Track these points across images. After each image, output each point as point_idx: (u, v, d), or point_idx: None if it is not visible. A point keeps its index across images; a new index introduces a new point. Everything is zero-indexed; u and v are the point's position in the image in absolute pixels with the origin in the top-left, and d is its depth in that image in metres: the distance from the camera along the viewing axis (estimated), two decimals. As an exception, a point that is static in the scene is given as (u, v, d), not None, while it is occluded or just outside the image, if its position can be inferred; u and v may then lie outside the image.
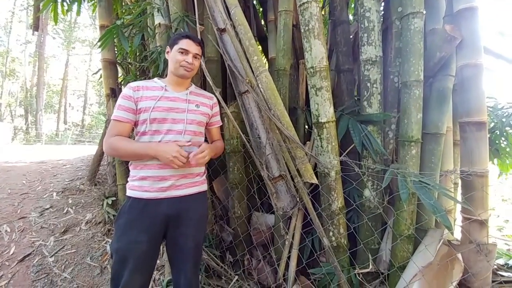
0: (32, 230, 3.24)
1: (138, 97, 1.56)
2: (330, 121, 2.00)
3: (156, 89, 1.61)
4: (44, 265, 2.72)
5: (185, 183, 1.60)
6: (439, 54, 1.93)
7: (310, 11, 1.98)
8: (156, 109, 1.54)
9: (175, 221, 1.57)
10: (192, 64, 1.63)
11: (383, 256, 2.08)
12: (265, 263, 2.40)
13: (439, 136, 1.98)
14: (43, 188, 4.46)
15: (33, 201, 3.98)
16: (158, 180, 1.53)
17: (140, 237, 1.48)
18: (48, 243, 3.03)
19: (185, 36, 1.64)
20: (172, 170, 1.53)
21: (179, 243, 1.61)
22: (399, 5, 2.17)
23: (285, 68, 2.42)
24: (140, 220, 1.50)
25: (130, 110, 1.55)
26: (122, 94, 1.57)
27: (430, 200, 1.59)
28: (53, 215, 3.60)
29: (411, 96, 1.94)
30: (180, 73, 1.63)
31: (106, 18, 3.09)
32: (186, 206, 1.60)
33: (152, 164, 1.53)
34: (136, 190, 1.53)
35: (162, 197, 1.53)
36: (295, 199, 2.15)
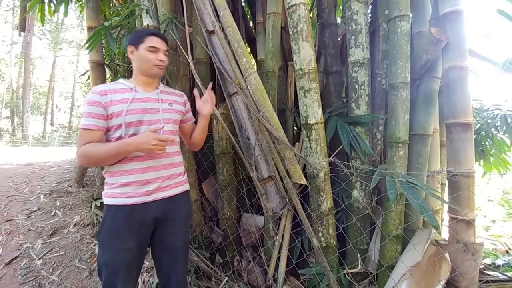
0: (19, 232, 3.11)
1: (107, 101, 1.40)
2: (318, 123, 1.95)
3: (125, 91, 1.47)
4: (32, 268, 2.60)
5: (169, 184, 1.52)
6: (426, 56, 1.88)
7: (299, 13, 1.92)
8: (130, 112, 1.41)
9: (162, 222, 1.50)
10: (164, 62, 1.53)
11: (371, 256, 2.02)
12: (255, 264, 2.34)
13: (426, 137, 1.93)
14: (30, 191, 4.29)
15: (20, 203, 3.82)
16: (142, 184, 1.42)
17: (128, 244, 1.40)
18: (36, 246, 2.90)
19: (151, 34, 1.52)
20: (157, 172, 1.45)
21: (168, 243, 1.53)
22: (386, 8, 2.11)
23: (274, 70, 2.35)
24: (127, 226, 1.39)
25: (100, 117, 1.39)
26: (88, 101, 1.40)
27: (418, 200, 1.55)
28: (40, 217, 3.47)
29: (399, 98, 1.88)
30: (155, 72, 1.51)
31: (94, 19, 2.95)
32: (172, 206, 1.52)
33: (134, 169, 1.41)
34: (118, 197, 1.41)
35: (148, 200, 1.43)
36: (284, 200, 2.09)
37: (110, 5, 3.76)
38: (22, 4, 3.44)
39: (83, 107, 1.42)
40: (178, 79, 2.41)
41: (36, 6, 3.00)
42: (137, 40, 1.51)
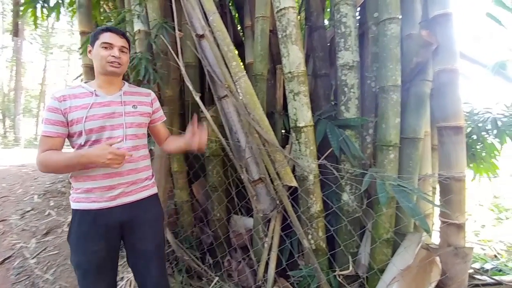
0: (13, 232, 3.04)
1: (66, 108, 1.30)
2: (308, 126, 1.90)
3: (85, 96, 1.35)
4: (26, 267, 2.55)
5: (135, 188, 1.41)
6: (416, 59, 1.80)
7: (288, 17, 1.88)
8: (90, 118, 1.30)
9: (129, 227, 1.41)
10: (120, 58, 1.36)
11: (362, 260, 1.95)
12: (245, 264, 2.30)
13: (417, 141, 1.85)
14: (24, 191, 4.19)
15: (14, 204, 3.73)
16: (105, 190, 1.33)
17: (96, 246, 1.33)
18: (30, 245, 2.84)
19: (105, 30, 1.38)
20: (120, 178, 1.35)
21: (138, 248, 1.44)
22: (375, 11, 2.02)
23: (263, 73, 2.28)
24: (93, 230, 1.33)
25: (59, 123, 1.30)
26: (47, 107, 1.32)
27: (409, 203, 1.49)
28: (34, 217, 3.40)
29: (389, 101, 1.81)
30: (108, 70, 1.35)
31: (86, 25, 2.89)
32: (138, 211, 1.42)
33: (97, 175, 1.32)
34: (83, 201, 1.33)
35: (113, 205, 1.34)
36: (274, 202, 2.03)
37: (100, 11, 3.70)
38: (14, 9, 3.36)
39: (43, 113, 1.33)
40: (168, 82, 2.34)
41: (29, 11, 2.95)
42: (93, 38, 1.39)
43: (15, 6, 3.36)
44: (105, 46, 1.34)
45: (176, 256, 2.41)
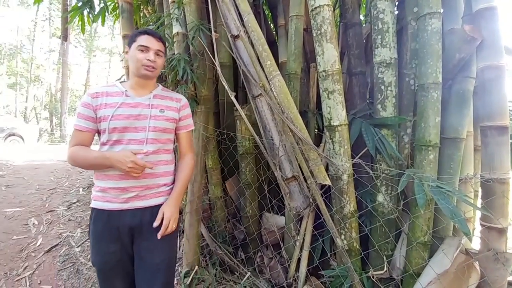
0: (60, 222, 3.29)
1: (97, 104, 1.33)
2: (342, 124, 1.87)
3: (117, 95, 1.37)
4: (71, 255, 2.73)
5: (149, 193, 1.38)
6: (459, 55, 1.72)
7: (322, 15, 1.85)
8: (115, 117, 1.31)
9: (139, 234, 1.36)
10: (154, 62, 1.38)
11: (396, 262, 1.90)
12: (276, 261, 2.31)
13: (458, 141, 1.77)
14: (70, 184, 4.53)
15: (61, 196, 4.04)
16: (120, 191, 1.32)
17: (111, 248, 1.33)
18: (75, 235, 3.06)
19: (143, 32, 1.39)
20: (134, 181, 1.33)
21: (146, 259, 1.36)
22: (415, 6, 1.96)
23: (296, 72, 2.28)
24: (107, 231, 1.32)
25: (90, 119, 1.33)
26: (81, 102, 1.36)
27: (448, 205, 1.43)
28: (79, 208, 3.67)
29: (429, 99, 1.74)
30: (142, 73, 1.37)
31: (128, 29, 3.05)
32: (149, 217, 1.36)
33: (113, 175, 1.32)
34: (99, 200, 1.34)
35: (124, 208, 1.33)
36: (308, 200, 2.03)
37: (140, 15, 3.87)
38: (63, 15, 3.60)
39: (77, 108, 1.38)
40: (204, 82, 2.41)
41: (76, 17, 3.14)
42: (131, 39, 1.41)
43: (64, 13, 3.59)
44: (141, 48, 1.36)
45: (210, 250, 2.48)
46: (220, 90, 2.69)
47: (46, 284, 2.35)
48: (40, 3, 3.53)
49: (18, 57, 23.31)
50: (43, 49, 24.12)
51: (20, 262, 2.56)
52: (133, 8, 3.19)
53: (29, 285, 2.31)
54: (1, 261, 2.53)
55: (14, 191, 4.12)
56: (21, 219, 3.28)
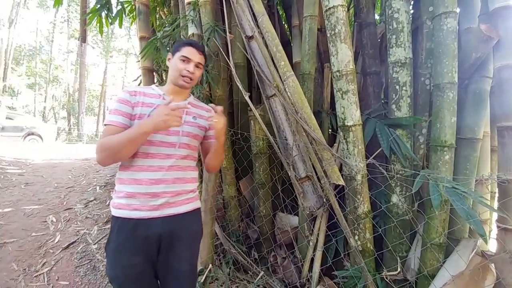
0: (77, 220, 3.38)
1: (135, 102, 1.35)
2: (356, 124, 1.89)
3: (154, 97, 1.40)
4: (88, 252, 2.80)
5: (179, 200, 1.38)
6: (475, 54, 1.73)
7: (336, 15, 1.88)
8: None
9: (168, 241, 1.35)
10: (193, 74, 1.43)
11: (411, 264, 1.91)
12: (289, 261, 2.35)
13: (475, 142, 1.77)
14: (87, 183, 4.65)
15: (78, 194, 4.15)
16: (149, 197, 1.30)
17: (133, 260, 1.28)
18: (92, 232, 3.14)
19: (188, 44, 1.46)
20: (166, 186, 1.32)
21: (173, 266, 1.37)
22: (430, 5, 1.96)
23: (310, 72, 2.32)
24: (131, 242, 1.28)
25: (127, 115, 1.32)
26: (118, 98, 1.35)
27: (463, 206, 1.44)
28: (96, 206, 3.75)
29: (445, 99, 1.74)
30: (179, 83, 1.43)
31: (145, 30, 3.16)
32: (180, 225, 1.37)
33: (143, 180, 1.30)
34: (124, 209, 1.29)
35: (154, 216, 1.30)
36: (321, 200, 2.06)
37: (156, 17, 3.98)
38: (82, 17, 3.74)
39: (112, 104, 1.37)
40: (219, 82, 2.47)
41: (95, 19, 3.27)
42: (175, 48, 1.47)
43: (82, 15, 3.73)
44: (183, 59, 1.42)
45: (224, 249, 2.54)
46: (234, 91, 2.75)
47: (63, 280, 2.41)
48: (59, 5, 3.68)
49: (37, 58, 24.30)
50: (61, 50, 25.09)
51: (38, 258, 2.64)
52: (149, 10, 3.30)
53: (47, 281, 2.38)
54: (20, 257, 2.62)
55: (33, 189, 4.27)
56: (40, 217, 3.39)
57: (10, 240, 2.84)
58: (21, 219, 3.29)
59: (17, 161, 5.97)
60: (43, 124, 13.09)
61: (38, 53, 24.52)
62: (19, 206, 3.61)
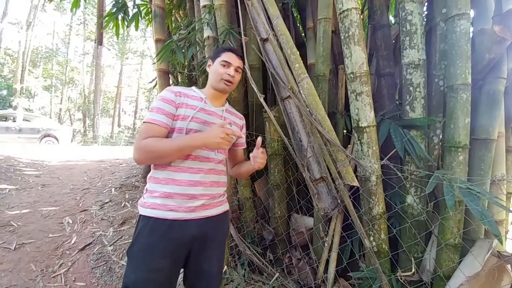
0: (93, 221, 3.47)
1: (179, 103, 1.38)
2: (370, 126, 1.94)
3: (196, 99, 1.46)
4: (104, 253, 2.88)
5: (213, 202, 1.42)
6: (489, 55, 1.78)
7: (350, 18, 1.94)
8: (194, 119, 1.38)
9: (200, 243, 1.38)
10: (233, 77, 1.51)
11: (426, 265, 1.95)
12: (304, 262, 2.38)
13: (489, 142, 1.82)
14: (103, 184, 4.78)
15: (94, 195, 4.28)
16: (187, 198, 1.32)
17: (161, 263, 1.27)
18: (108, 234, 3.22)
19: (228, 49, 1.55)
20: (204, 188, 1.37)
21: (204, 268, 1.40)
22: (443, 7, 2.02)
23: (325, 74, 2.39)
24: (163, 243, 1.27)
25: (170, 116, 1.35)
26: (162, 97, 1.37)
27: (477, 206, 1.47)
28: (112, 208, 3.85)
29: (458, 100, 1.80)
30: (221, 87, 1.50)
31: (161, 33, 3.27)
32: (213, 226, 1.42)
33: (182, 180, 1.33)
34: (159, 209, 1.29)
35: (190, 217, 1.32)
36: (336, 201, 2.11)
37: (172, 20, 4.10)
38: (99, 20, 3.90)
39: (154, 102, 1.40)
40: (234, 84, 2.55)
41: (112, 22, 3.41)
42: (215, 54, 1.57)
43: (99, 18, 3.88)
44: (223, 64, 1.51)
45: (239, 250, 2.59)
46: (249, 92, 2.81)
47: (80, 281, 2.49)
48: (77, 7, 3.84)
49: (54, 60, 25.13)
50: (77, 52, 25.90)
51: (55, 259, 2.73)
52: (165, 12, 3.41)
53: (64, 282, 2.46)
54: (38, 258, 2.71)
55: (49, 191, 4.43)
56: (56, 218, 3.50)
57: (28, 241, 2.95)
58: (38, 220, 3.41)
59: (34, 163, 6.17)
60: (59, 126, 13.35)
61: (55, 55, 25.36)
62: (36, 208, 3.73)
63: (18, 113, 11.83)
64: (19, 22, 21.74)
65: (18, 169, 5.44)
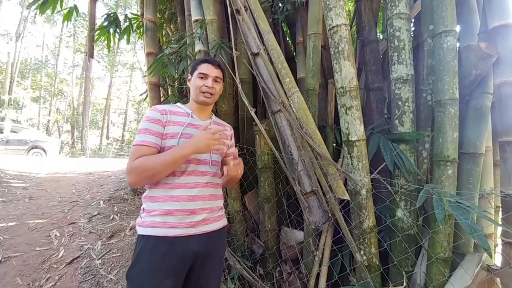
0: (81, 234, 3.38)
1: (166, 121, 1.37)
2: (360, 140, 1.93)
3: (183, 115, 1.44)
4: (92, 267, 2.79)
5: (213, 217, 1.40)
6: (475, 71, 1.81)
7: (340, 34, 1.95)
8: (184, 135, 1.36)
9: (202, 259, 1.35)
10: (213, 88, 1.48)
11: (417, 279, 1.93)
12: (295, 276, 2.34)
13: (477, 156, 1.83)
14: (91, 197, 4.68)
15: (82, 208, 4.18)
16: (187, 214, 1.30)
17: (165, 283, 1.24)
18: (96, 247, 3.13)
19: (204, 61, 1.52)
20: (203, 202, 1.35)
21: (201, 284, 1.37)
22: (430, 23, 2.06)
23: (314, 88, 2.40)
24: (166, 262, 1.24)
25: (158, 135, 1.33)
26: (148, 118, 1.35)
27: (467, 220, 1.47)
28: (100, 221, 3.75)
29: (446, 114, 1.81)
30: (201, 99, 1.48)
31: (152, 46, 3.28)
32: (214, 242, 1.39)
33: (180, 196, 1.31)
34: (160, 227, 1.27)
35: (191, 233, 1.30)
36: (327, 215, 2.09)
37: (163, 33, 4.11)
38: (90, 33, 3.87)
39: (141, 124, 1.38)
40: (224, 98, 2.55)
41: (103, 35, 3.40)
42: (193, 68, 1.54)
43: (91, 31, 3.86)
44: (201, 76, 1.49)
45: (229, 264, 2.54)
46: (240, 106, 2.83)
47: None
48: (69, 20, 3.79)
49: (43, 71, 24.87)
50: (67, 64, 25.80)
51: (42, 273, 2.63)
52: (156, 26, 3.42)
53: None
54: (24, 271, 2.62)
55: (37, 203, 4.30)
56: (44, 231, 3.39)
57: (14, 254, 2.85)
58: (25, 233, 3.30)
59: (21, 175, 6.02)
60: (47, 138, 13.20)
61: (44, 67, 25.11)
62: (23, 220, 3.62)
63: (5, 124, 11.67)
64: (8, 33, 21.61)
65: (5, 181, 5.29)
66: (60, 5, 3.36)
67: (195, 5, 2.70)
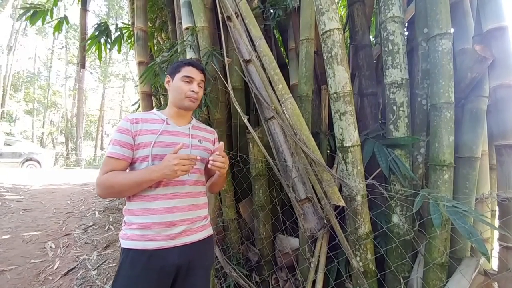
0: (77, 245, 3.37)
1: (137, 130, 1.30)
2: (355, 145, 1.90)
3: (157, 122, 1.37)
4: (87, 278, 2.78)
5: (194, 227, 1.34)
6: (470, 75, 1.77)
7: (333, 38, 1.92)
8: (158, 144, 1.30)
9: (185, 271, 1.30)
10: (197, 93, 1.41)
11: (413, 285, 1.88)
12: (291, 284, 2.32)
13: (473, 160, 1.79)
14: (86, 208, 4.67)
15: (77, 219, 4.17)
16: (166, 226, 1.25)
17: None
18: (91, 258, 3.12)
19: (188, 64, 1.43)
20: (182, 214, 1.29)
21: None
22: (424, 27, 2.03)
23: (307, 94, 2.36)
24: (145, 275, 1.21)
25: (127, 146, 1.28)
26: (118, 128, 1.30)
27: (465, 224, 1.44)
28: (96, 231, 3.76)
29: (442, 118, 1.77)
30: (185, 104, 1.40)
31: (144, 55, 3.25)
32: (196, 253, 1.33)
33: (158, 209, 1.26)
34: (138, 240, 1.23)
35: (171, 245, 1.25)
36: (322, 221, 2.05)
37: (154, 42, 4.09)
38: (81, 44, 3.84)
39: (112, 134, 1.35)
40: (217, 105, 2.51)
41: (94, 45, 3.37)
42: (174, 70, 1.44)
43: (82, 42, 3.83)
44: (186, 80, 1.40)
45: (225, 272, 2.50)
46: (232, 113, 2.79)
47: None
48: (59, 31, 3.76)
49: (36, 84, 24.78)
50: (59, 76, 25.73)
51: (37, 286, 2.61)
52: (147, 35, 3.39)
53: None
54: (19, 285, 2.58)
55: (31, 215, 4.28)
56: (39, 243, 3.38)
57: (8, 267, 2.81)
58: (19, 246, 3.28)
59: (15, 187, 5.99)
60: (41, 150, 13.19)
61: (37, 79, 25.01)
62: (18, 233, 3.60)
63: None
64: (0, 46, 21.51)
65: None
66: (51, 16, 3.33)
67: (186, 12, 2.67)
